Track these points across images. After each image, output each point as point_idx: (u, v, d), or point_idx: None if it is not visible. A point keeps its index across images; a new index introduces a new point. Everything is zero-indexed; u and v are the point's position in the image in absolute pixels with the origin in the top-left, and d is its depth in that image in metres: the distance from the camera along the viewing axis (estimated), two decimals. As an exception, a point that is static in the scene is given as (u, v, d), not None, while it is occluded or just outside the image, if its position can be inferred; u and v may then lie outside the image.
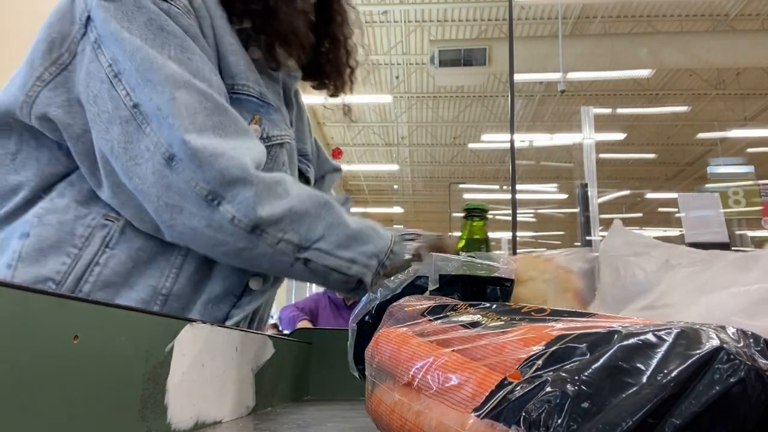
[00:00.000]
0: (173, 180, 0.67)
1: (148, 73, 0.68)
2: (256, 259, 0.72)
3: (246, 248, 0.70)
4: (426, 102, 10.32)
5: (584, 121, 4.26)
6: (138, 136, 0.68)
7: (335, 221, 0.74)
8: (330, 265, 0.72)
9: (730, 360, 0.24)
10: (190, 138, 0.67)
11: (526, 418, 0.24)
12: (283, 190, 0.72)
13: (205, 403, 0.53)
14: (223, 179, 0.68)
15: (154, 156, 0.68)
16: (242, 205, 0.68)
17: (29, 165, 0.77)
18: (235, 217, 0.68)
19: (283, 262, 0.72)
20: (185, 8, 0.73)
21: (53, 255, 0.73)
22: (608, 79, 8.82)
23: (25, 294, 0.31)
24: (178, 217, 0.69)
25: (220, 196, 0.68)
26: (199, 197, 0.68)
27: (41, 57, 0.74)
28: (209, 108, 0.70)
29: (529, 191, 12.05)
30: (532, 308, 0.36)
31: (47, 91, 0.73)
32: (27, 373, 0.31)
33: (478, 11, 7.88)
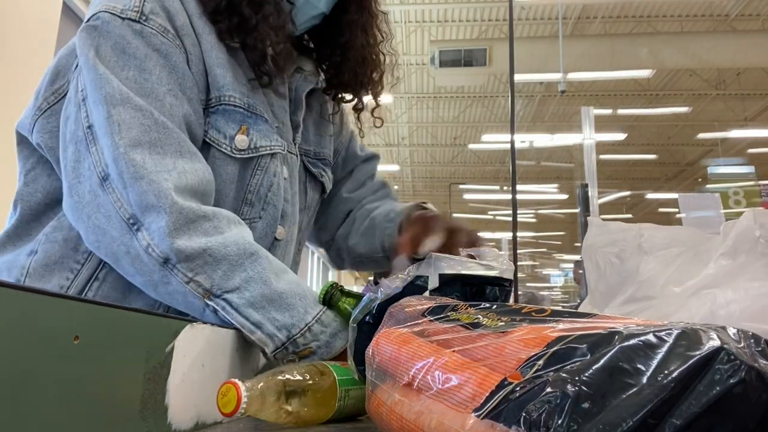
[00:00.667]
0: (103, 200, 0.67)
1: (94, 93, 0.70)
2: (172, 296, 0.68)
3: (161, 282, 0.67)
4: (426, 102, 10.33)
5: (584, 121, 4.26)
6: (84, 155, 0.70)
7: (256, 276, 0.68)
8: (234, 321, 0.66)
9: (731, 360, 0.24)
10: (118, 155, 0.67)
11: (527, 418, 0.24)
12: (211, 226, 0.69)
13: (206, 404, 0.53)
14: (141, 203, 0.66)
15: (92, 175, 0.68)
16: (156, 234, 0.66)
17: (39, 180, 0.82)
18: (150, 245, 0.66)
19: (195, 306, 0.67)
20: (160, 28, 0.74)
21: (58, 271, 0.76)
22: (608, 80, 8.83)
23: (25, 294, 0.31)
24: (103, 240, 0.68)
25: (139, 221, 0.66)
26: (122, 220, 0.67)
27: (45, 88, 0.79)
28: (146, 125, 0.69)
29: (530, 192, 12.06)
30: (533, 309, 0.36)
31: (42, 119, 0.78)
32: (27, 373, 0.31)
33: (478, 11, 7.88)
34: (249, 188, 0.81)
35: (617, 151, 10.84)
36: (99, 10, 0.74)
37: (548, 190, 12.38)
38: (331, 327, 0.70)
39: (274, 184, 0.83)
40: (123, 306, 0.42)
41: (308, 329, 0.68)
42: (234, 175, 0.80)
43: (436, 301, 0.45)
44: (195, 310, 0.68)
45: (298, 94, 0.94)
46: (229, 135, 0.79)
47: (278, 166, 0.84)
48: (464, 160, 12.50)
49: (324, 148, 1.02)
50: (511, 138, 3.41)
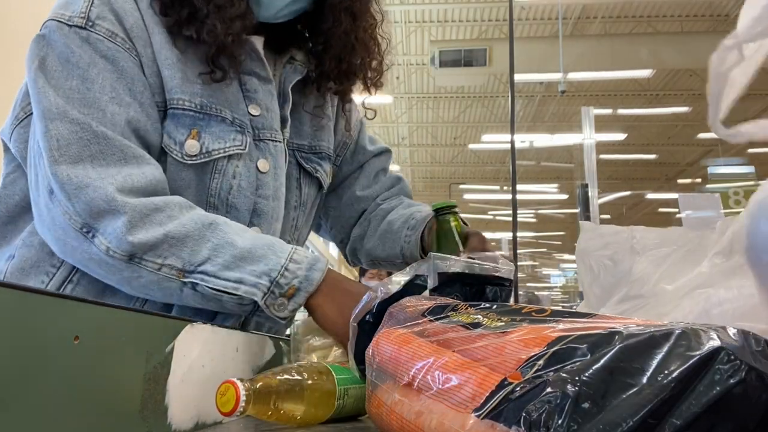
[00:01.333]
0: (55, 213, 0.68)
1: (35, 108, 0.70)
2: (147, 288, 0.70)
3: (132, 277, 0.68)
4: (426, 102, 10.32)
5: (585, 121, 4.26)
6: (38, 170, 0.71)
7: (222, 242, 0.70)
8: (217, 287, 0.68)
9: (731, 360, 0.24)
10: (58, 170, 0.67)
11: (527, 418, 0.24)
12: (164, 216, 0.70)
13: (206, 404, 0.53)
14: (91, 211, 0.67)
15: (44, 190, 0.69)
16: (112, 236, 0.67)
17: (18, 183, 0.82)
18: (109, 248, 0.67)
19: (171, 289, 0.69)
20: (107, 32, 0.73)
21: (34, 274, 0.76)
22: (608, 80, 8.82)
23: (25, 295, 0.31)
24: (67, 250, 0.69)
25: (93, 228, 0.67)
26: (76, 230, 0.67)
27: (21, 98, 0.79)
28: (85, 139, 0.69)
29: (530, 192, 12.05)
30: (533, 309, 0.36)
31: (19, 128, 0.78)
32: (27, 374, 0.31)
33: (478, 12, 7.88)
34: (210, 192, 0.79)
35: (617, 151, 10.83)
36: (49, 18, 0.74)
37: (548, 190, 12.38)
38: (305, 261, 0.72)
39: (234, 186, 0.80)
40: (123, 306, 0.42)
41: (285, 269, 0.70)
42: (191, 181, 0.78)
43: (436, 301, 0.45)
44: (172, 294, 0.70)
45: (285, 87, 0.91)
46: (179, 141, 0.77)
47: (239, 167, 0.81)
48: (464, 160, 12.50)
49: (321, 141, 0.98)
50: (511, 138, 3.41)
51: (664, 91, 9.29)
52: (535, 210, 13.02)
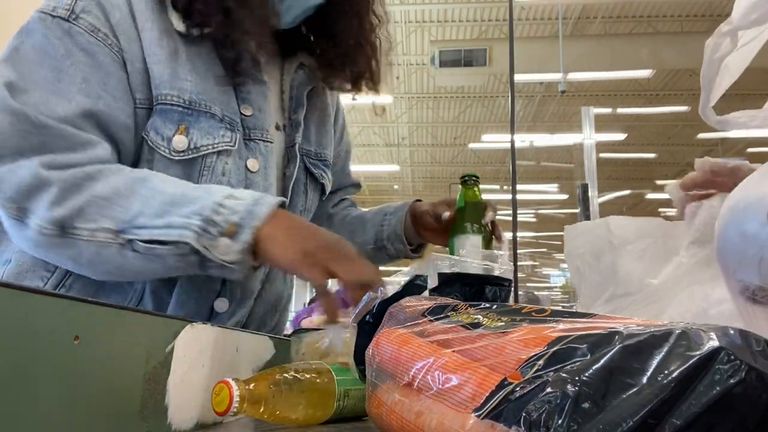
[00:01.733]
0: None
1: None
2: (93, 264, 0.67)
3: (75, 254, 0.66)
4: (426, 102, 10.32)
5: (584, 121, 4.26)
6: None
7: (152, 192, 0.66)
8: (147, 237, 0.63)
9: (731, 360, 0.24)
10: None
11: (527, 418, 0.24)
12: (94, 181, 0.66)
13: (206, 404, 0.53)
14: (21, 191, 0.64)
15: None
16: (41, 210, 0.64)
17: None
18: (41, 226, 0.64)
19: (112, 256, 0.65)
20: (89, 26, 0.73)
21: (29, 279, 0.76)
22: (608, 80, 8.82)
23: (25, 295, 0.31)
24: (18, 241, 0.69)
25: (26, 210, 0.65)
26: (13, 219, 0.66)
27: None
28: (24, 130, 0.66)
29: (530, 191, 12.05)
30: (533, 309, 0.36)
31: None
32: (27, 374, 0.31)
33: (478, 12, 7.88)
34: None
35: (617, 150, 10.83)
36: (36, 9, 0.74)
37: (548, 190, 12.37)
38: (249, 198, 0.67)
39: (223, 183, 0.79)
40: (123, 306, 0.42)
41: (220, 206, 0.65)
42: (178, 177, 0.76)
43: (436, 301, 0.45)
44: (115, 262, 0.66)
45: (300, 92, 0.92)
46: (166, 136, 0.76)
47: (228, 164, 0.80)
48: (464, 160, 12.49)
49: (325, 149, 1.00)
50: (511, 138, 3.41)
51: (664, 91, 9.29)
52: (535, 210, 13.02)
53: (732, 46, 0.44)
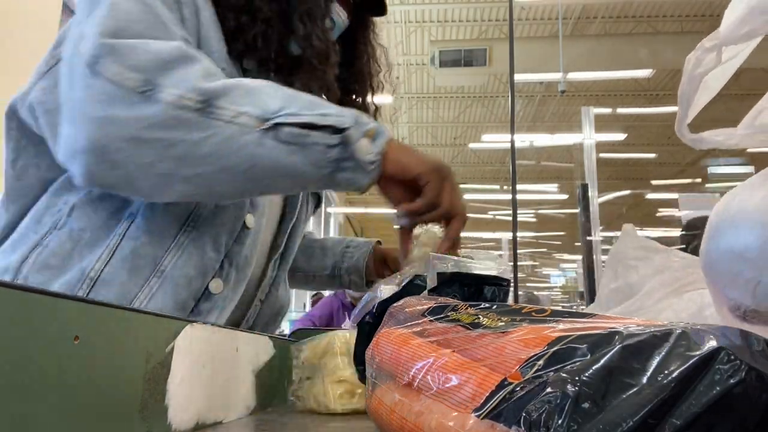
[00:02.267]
0: (98, 85, 0.60)
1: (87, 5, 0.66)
2: (218, 152, 0.61)
3: (202, 138, 0.61)
4: (426, 102, 10.32)
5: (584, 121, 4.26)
6: (75, 62, 0.63)
7: (291, 93, 0.66)
8: (303, 121, 0.62)
9: (731, 360, 0.24)
10: (109, 36, 0.62)
11: (527, 418, 0.24)
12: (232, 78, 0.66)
13: (206, 404, 0.53)
14: (159, 60, 0.61)
15: (83, 71, 0.61)
16: (187, 82, 0.61)
17: (31, 172, 0.79)
18: (181, 95, 0.60)
19: (246, 145, 0.61)
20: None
21: (21, 243, 0.74)
22: (608, 80, 8.82)
23: (25, 294, 0.31)
24: (111, 131, 0.60)
25: (155, 83, 0.60)
26: (131, 92, 0.60)
27: (48, 54, 0.77)
28: (149, 20, 0.65)
29: (530, 191, 12.05)
30: (533, 309, 0.36)
31: (41, 81, 0.76)
32: (27, 374, 0.31)
33: (478, 12, 7.88)
34: None
35: (617, 150, 10.83)
36: None
37: (548, 190, 12.37)
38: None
39: None
40: (123, 306, 0.42)
41: (359, 114, 0.67)
42: None
43: (436, 302, 0.45)
44: (242, 151, 0.62)
45: None
46: None
47: None
48: (464, 160, 12.50)
49: None
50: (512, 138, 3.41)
51: (664, 91, 9.29)
52: (535, 210, 13.02)
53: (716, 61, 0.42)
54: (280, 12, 0.79)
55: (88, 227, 0.72)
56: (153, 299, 0.71)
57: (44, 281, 0.68)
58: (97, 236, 0.71)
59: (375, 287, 0.56)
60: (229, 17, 0.77)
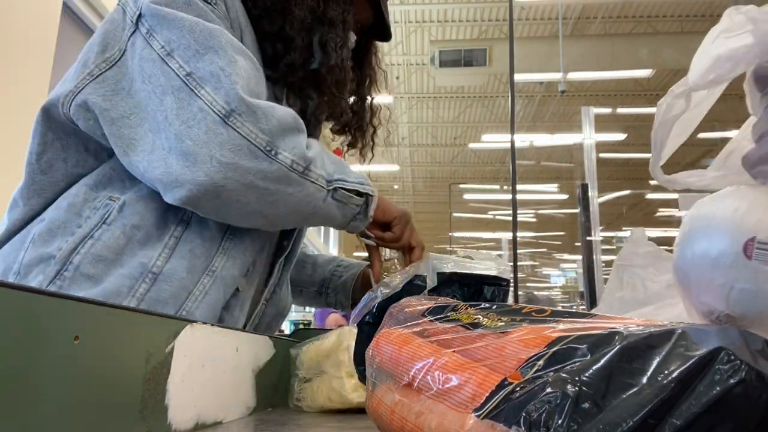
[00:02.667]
0: (229, 136, 0.71)
1: (209, 40, 0.75)
2: (300, 202, 0.78)
3: (295, 192, 0.77)
4: (426, 102, 10.32)
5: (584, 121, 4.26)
6: (190, 101, 0.72)
7: (334, 158, 0.85)
8: (350, 188, 0.83)
9: (731, 361, 0.24)
10: (246, 95, 0.73)
11: (527, 418, 0.24)
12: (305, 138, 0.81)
13: (206, 404, 0.53)
14: (281, 127, 0.74)
15: (207, 116, 0.71)
16: (297, 149, 0.75)
17: (57, 167, 0.83)
18: (294, 161, 0.75)
19: (319, 199, 0.80)
20: (224, 14, 0.82)
21: (60, 235, 0.77)
22: (608, 80, 8.82)
23: (25, 294, 0.31)
24: (232, 174, 0.71)
25: (275, 146, 0.73)
26: (256, 149, 0.72)
27: (95, 56, 0.81)
28: (257, 77, 0.78)
29: (530, 191, 12.05)
30: (533, 309, 0.36)
31: (94, 84, 0.79)
32: (27, 374, 0.31)
33: (478, 12, 7.88)
34: None
35: (617, 150, 10.83)
36: None
37: (548, 190, 12.37)
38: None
39: None
40: (123, 306, 0.42)
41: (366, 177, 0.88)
42: None
43: (436, 302, 0.45)
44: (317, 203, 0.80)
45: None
46: None
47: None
48: (464, 160, 12.50)
49: None
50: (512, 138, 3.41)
51: (664, 91, 9.21)
52: (535, 210, 13.02)
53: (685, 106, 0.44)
54: (309, 42, 0.90)
55: (141, 225, 0.78)
56: (207, 295, 0.79)
57: (99, 273, 0.74)
58: (151, 234, 0.78)
59: (375, 287, 0.56)
60: (267, 45, 0.89)
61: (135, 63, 0.77)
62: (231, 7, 0.83)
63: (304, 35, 0.89)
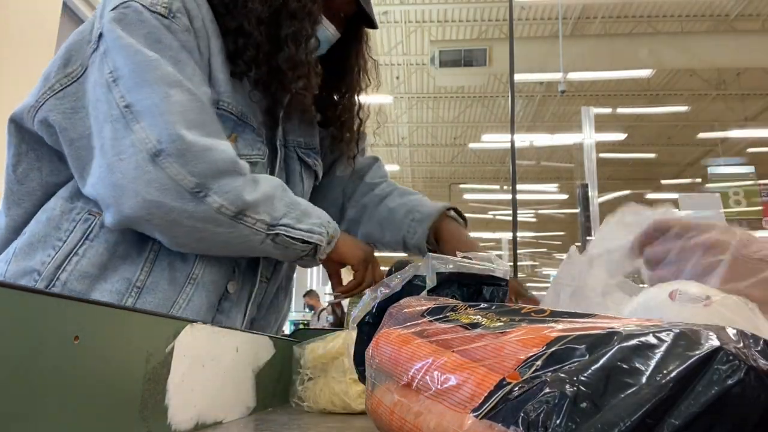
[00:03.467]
0: (156, 175, 0.71)
1: (145, 73, 0.73)
2: (229, 243, 0.78)
3: (224, 233, 0.75)
4: (426, 102, 10.32)
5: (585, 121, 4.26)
6: (124, 134, 0.72)
7: (291, 201, 0.83)
8: (295, 236, 0.80)
9: (730, 360, 0.24)
10: (179, 133, 0.71)
11: (525, 418, 0.24)
12: (253, 179, 0.80)
13: (206, 404, 0.53)
14: (213, 171, 0.73)
15: (138, 152, 0.71)
16: (231, 194, 0.74)
17: (32, 176, 0.83)
18: (222, 205, 0.73)
19: (254, 241, 0.78)
20: (185, 26, 0.80)
21: (41, 248, 0.78)
22: (608, 80, 8.82)
23: (25, 294, 0.31)
24: (156, 212, 0.72)
25: (206, 188, 0.72)
26: (183, 191, 0.71)
27: (57, 71, 0.81)
28: (197, 108, 0.76)
29: (530, 191, 12.04)
30: (532, 309, 0.36)
31: (54, 99, 0.80)
32: (27, 374, 0.31)
33: (478, 11, 7.88)
34: None
35: (617, 150, 10.83)
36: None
37: (548, 190, 12.37)
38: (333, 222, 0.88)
39: None
40: (123, 306, 0.42)
41: (328, 222, 0.87)
42: None
43: (435, 302, 0.45)
44: (252, 245, 0.79)
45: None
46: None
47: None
48: (464, 160, 12.49)
49: (314, 137, 1.06)
50: (512, 138, 3.41)
51: (664, 91, 9.29)
52: (535, 210, 13.02)
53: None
54: (269, 35, 0.87)
55: (122, 240, 0.79)
56: (191, 302, 0.81)
57: (85, 289, 0.76)
58: (131, 249, 0.80)
59: (375, 287, 0.56)
60: (228, 41, 0.86)
61: (90, 84, 0.77)
62: (195, 16, 0.82)
63: (263, 29, 0.86)
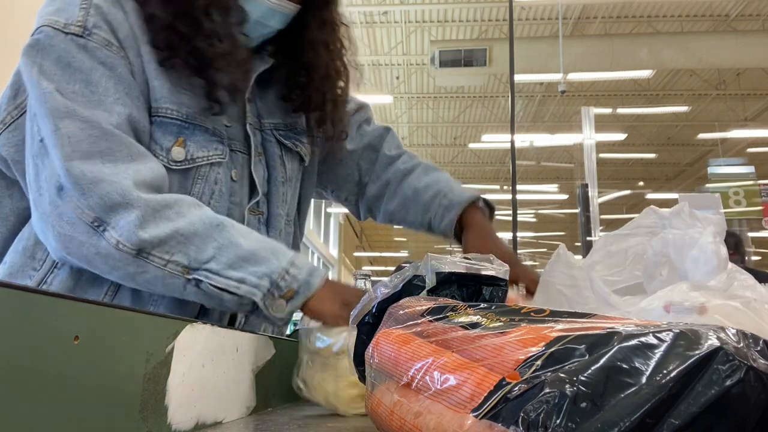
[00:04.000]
0: (63, 209, 0.69)
1: (40, 107, 0.71)
2: (150, 283, 0.72)
3: (137, 272, 0.70)
4: (426, 102, 10.32)
5: (585, 121, 4.27)
6: (41, 168, 0.71)
7: (227, 242, 0.73)
8: (219, 285, 0.70)
9: (729, 360, 0.24)
10: (71, 166, 0.69)
11: (525, 418, 0.24)
12: (174, 212, 0.72)
13: (206, 404, 0.53)
14: (104, 205, 0.69)
15: (50, 187, 0.70)
16: (124, 229, 0.69)
17: (4, 203, 0.83)
18: (119, 242, 0.69)
19: (175, 285, 0.71)
20: (104, 41, 0.75)
21: (20, 278, 0.78)
22: (609, 80, 8.83)
23: (25, 295, 0.31)
24: (72, 246, 0.70)
25: (104, 222, 0.69)
26: (86, 225, 0.69)
27: (7, 102, 0.80)
28: (94, 135, 0.71)
29: (530, 191, 12.05)
30: (532, 309, 0.36)
31: (7, 133, 0.79)
32: (27, 374, 0.31)
33: (478, 12, 7.88)
34: (192, 195, 0.81)
35: (617, 150, 10.83)
36: (41, 24, 0.74)
37: (548, 190, 12.37)
38: (306, 267, 0.75)
39: (215, 192, 0.83)
40: (123, 306, 0.42)
41: (286, 272, 0.73)
42: (175, 184, 0.80)
43: (435, 302, 0.45)
44: (175, 290, 0.72)
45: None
46: (165, 147, 0.79)
47: (220, 174, 0.84)
48: (464, 160, 12.50)
49: (294, 117, 0.99)
50: (512, 138, 3.41)
51: (664, 91, 9.29)
52: (535, 210, 13.02)
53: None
54: (177, 13, 0.78)
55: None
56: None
57: None
58: (94, 275, 0.77)
59: (375, 287, 0.56)
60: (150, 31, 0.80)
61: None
62: (120, 25, 0.76)
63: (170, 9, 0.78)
